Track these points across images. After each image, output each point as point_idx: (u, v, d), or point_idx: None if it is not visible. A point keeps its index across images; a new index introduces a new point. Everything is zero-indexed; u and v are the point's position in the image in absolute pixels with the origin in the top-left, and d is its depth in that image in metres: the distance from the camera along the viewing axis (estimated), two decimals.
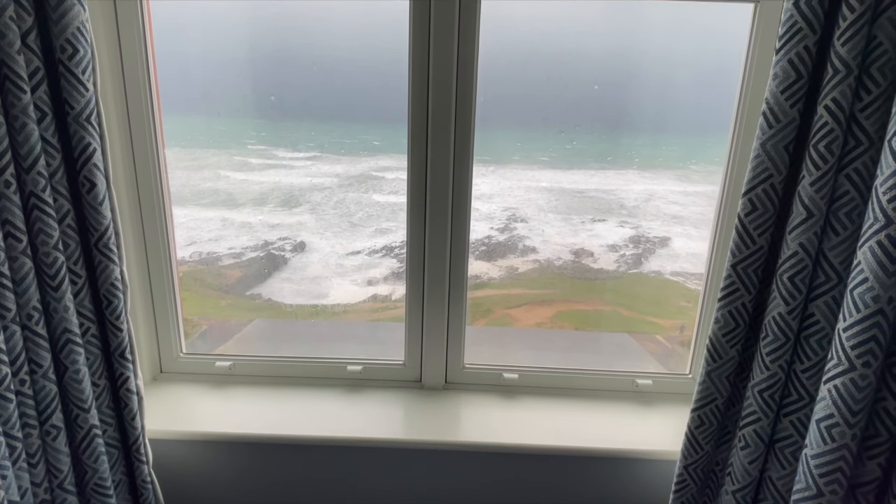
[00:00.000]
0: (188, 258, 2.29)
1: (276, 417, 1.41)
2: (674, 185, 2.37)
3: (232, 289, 2.39)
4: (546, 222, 2.45)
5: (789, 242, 0.99)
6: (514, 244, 2.43)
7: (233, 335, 2.11)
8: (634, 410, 1.50)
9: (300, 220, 2.54)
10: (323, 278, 2.50)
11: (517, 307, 2.49)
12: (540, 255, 2.44)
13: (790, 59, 0.92)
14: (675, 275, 2.32)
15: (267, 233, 2.42)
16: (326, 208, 2.62)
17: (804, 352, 1.03)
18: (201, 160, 2.37)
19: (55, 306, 1.02)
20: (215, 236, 2.35)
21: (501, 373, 1.55)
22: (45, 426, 1.05)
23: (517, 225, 2.45)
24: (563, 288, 2.49)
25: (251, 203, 2.41)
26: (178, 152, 2.15)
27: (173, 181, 1.98)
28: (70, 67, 0.95)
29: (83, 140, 0.99)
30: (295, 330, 2.29)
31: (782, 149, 0.96)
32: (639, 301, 2.38)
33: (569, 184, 2.40)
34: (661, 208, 2.44)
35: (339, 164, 2.64)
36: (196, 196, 2.31)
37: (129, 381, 1.15)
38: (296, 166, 2.53)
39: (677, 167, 2.32)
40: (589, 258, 2.42)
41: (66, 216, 1.02)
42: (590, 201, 2.45)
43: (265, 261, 2.40)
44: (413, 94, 1.33)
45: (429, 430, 1.38)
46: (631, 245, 2.45)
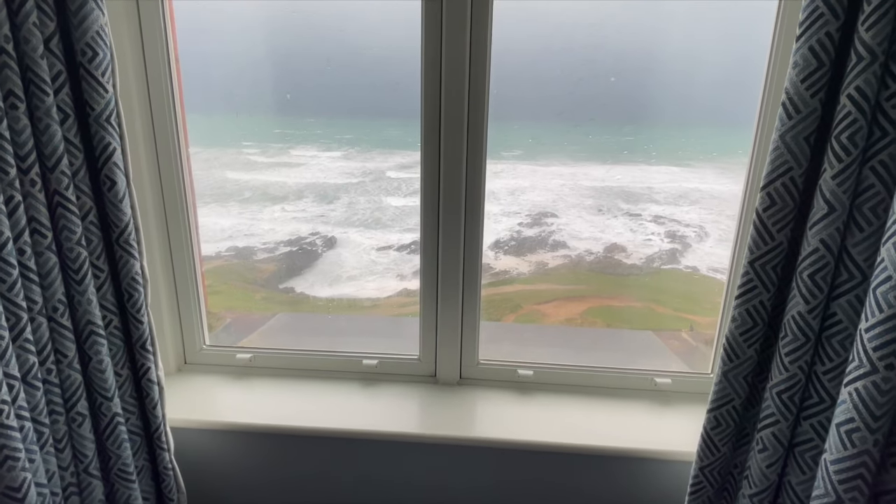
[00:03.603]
0: (224, 252, 2.33)
1: (293, 409, 1.45)
2: (713, 179, 2.31)
3: (267, 283, 2.42)
4: (577, 217, 2.41)
5: (810, 239, 0.95)
6: (543, 239, 2.41)
7: (256, 328, 2.15)
8: (652, 410, 1.47)
9: (331, 216, 2.58)
10: (353, 273, 2.53)
11: (547, 303, 2.46)
12: (570, 250, 2.39)
13: (811, 46, 0.88)
14: (712, 271, 2.25)
15: (300, 228, 2.49)
16: (357, 205, 2.65)
17: (825, 353, 0.99)
18: (233, 157, 2.43)
19: (79, 299, 1.06)
20: (250, 231, 2.39)
21: (516, 369, 1.54)
22: (71, 413, 1.10)
23: (548, 220, 2.42)
24: (594, 284, 2.43)
25: (285, 199, 2.47)
26: (211, 151, 2.20)
27: (205, 179, 2.04)
28: (90, 70, 0.99)
29: (104, 140, 1.03)
30: (315, 324, 2.33)
31: (802, 140, 0.92)
32: (673, 297, 2.30)
33: (599, 178, 2.38)
34: (698, 202, 2.38)
35: (371, 161, 2.67)
36: (231, 193, 2.39)
37: (151, 372, 1.19)
38: (328, 164, 2.60)
39: (714, 161, 2.25)
40: (621, 253, 2.35)
41: (89, 213, 1.06)
42: (622, 196, 2.39)
43: (298, 255, 2.45)
44: (425, 90, 1.33)
45: (443, 425, 1.39)
46: (666, 240, 2.38)
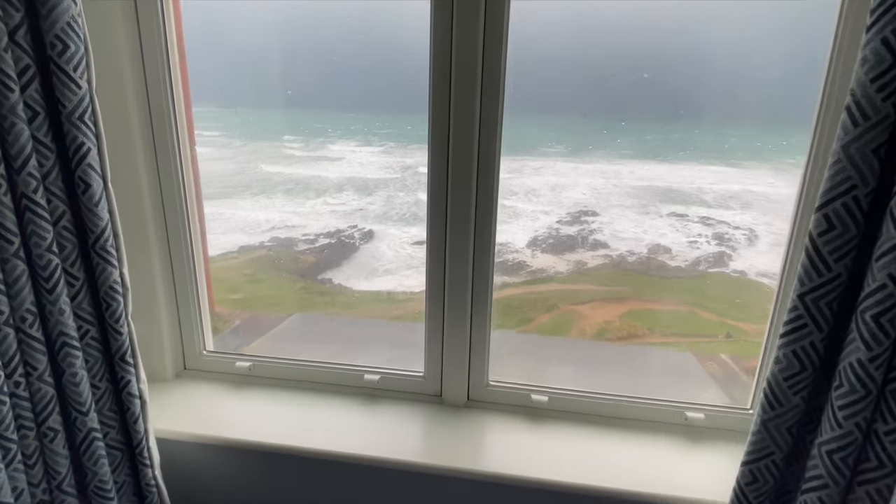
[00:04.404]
0: (267, 243, 2.41)
1: (289, 425, 1.36)
2: (768, 179, 2.13)
3: (306, 273, 2.45)
4: (620, 215, 2.28)
5: (875, 273, 0.78)
6: (584, 238, 2.31)
7: (267, 331, 2.09)
8: (681, 447, 1.31)
9: (370, 210, 2.62)
10: (390, 266, 2.53)
11: (584, 304, 2.33)
12: (611, 250, 2.28)
13: (884, 37, 0.71)
14: (760, 275, 2.10)
15: (338, 221, 2.56)
16: (395, 199, 2.67)
17: (889, 410, 0.82)
18: (276, 150, 2.53)
19: (50, 309, 1.00)
20: (292, 223, 2.47)
21: (530, 393, 1.41)
22: (42, 428, 1.05)
23: (588, 218, 2.32)
24: (635, 285, 2.31)
25: (324, 192, 2.56)
26: (256, 144, 2.37)
27: (250, 172, 2.04)
28: (60, 65, 0.92)
29: (77, 140, 0.96)
30: (330, 328, 2.25)
31: (870, 153, 0.75)
32: (719, 303, 2.13)
33: (645, 177, 2.26)
34: (750, 205, 2.23)
35: (411, 157, 2.68)
36: (276, 185, 2.50)
37: (131, 385, 1.12)
38: (368, 159, 2.68)
39: (771, 160, 2.07)
40: (665, 255, 2.23)
41: (62, 218, 0.99)
42: (667, 195, 2.28)
43: (336, 247, 2.50)
44: (434, 82, 1.21)
45: (447, 454, 1.27)
46: (713, 242, 2.24)
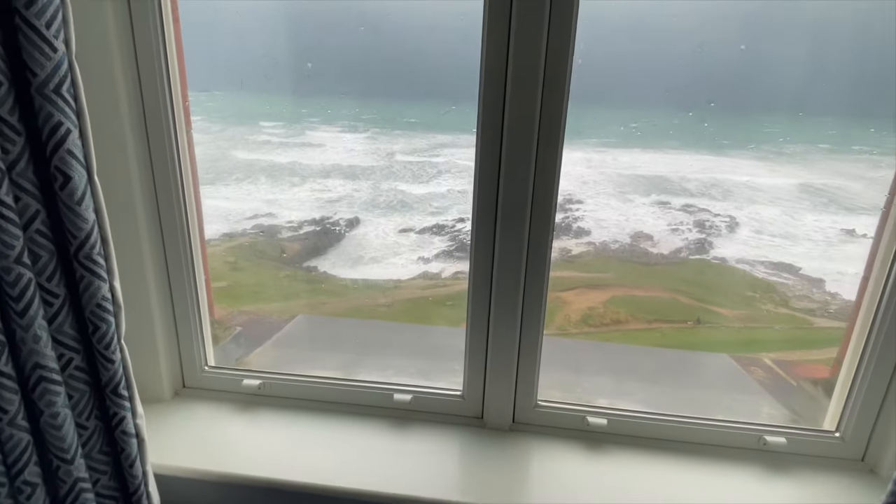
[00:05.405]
0: (249, 230, 2.35)
1: (306, 457, 1.17)
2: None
3: (290, 261, 2.41)
4: (605, 204, 2.37)
5: None
6: (567, 225, 2.35)
7: (272, 335, 1.89)
8: (761, 476, 1.15)
9: (354, 196, 2.59)
10: (375, 254, 2.51)
11: (568, 290, 2.34)
12: (594, 237, 2.34)
13: None
14: (740, 262, 2.16)
15: (323, 208, 2.51)
16: (380, 188, 2.65)
17: None
18: (255, 136, 2.48)
19: (22, 336, 0.79)
20: (273, 210, 2.41)
21: (585, 416, 1.23)
22: (17, 483, 0.83)
23: (572, 206, 2.36)
24: (618, 272, 2.41)
25: (309, 178, 2.52)
26: (237, 129, 2.26)
27: (230, 158, 1.97)
28: (28, 18, 0.69)
29: (52, 118, 0.74)
30: (339, 330, 2.06)
31: None
32: (699, 288, 2.22)
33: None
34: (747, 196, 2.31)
35: (396, 144, 2.69)
36: (258, 171, 2.43)
37: (126, 422, 0.92)
38: (353, 146, 2.61)
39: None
40: (647, 242, 2.31)
41: (34, 220, 0.77)
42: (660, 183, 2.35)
43: (321, 235, 2.46)
44: (486, 68, 1.01)
45: (489, 488, 1.10)
46: (695, 229, 2.29)
